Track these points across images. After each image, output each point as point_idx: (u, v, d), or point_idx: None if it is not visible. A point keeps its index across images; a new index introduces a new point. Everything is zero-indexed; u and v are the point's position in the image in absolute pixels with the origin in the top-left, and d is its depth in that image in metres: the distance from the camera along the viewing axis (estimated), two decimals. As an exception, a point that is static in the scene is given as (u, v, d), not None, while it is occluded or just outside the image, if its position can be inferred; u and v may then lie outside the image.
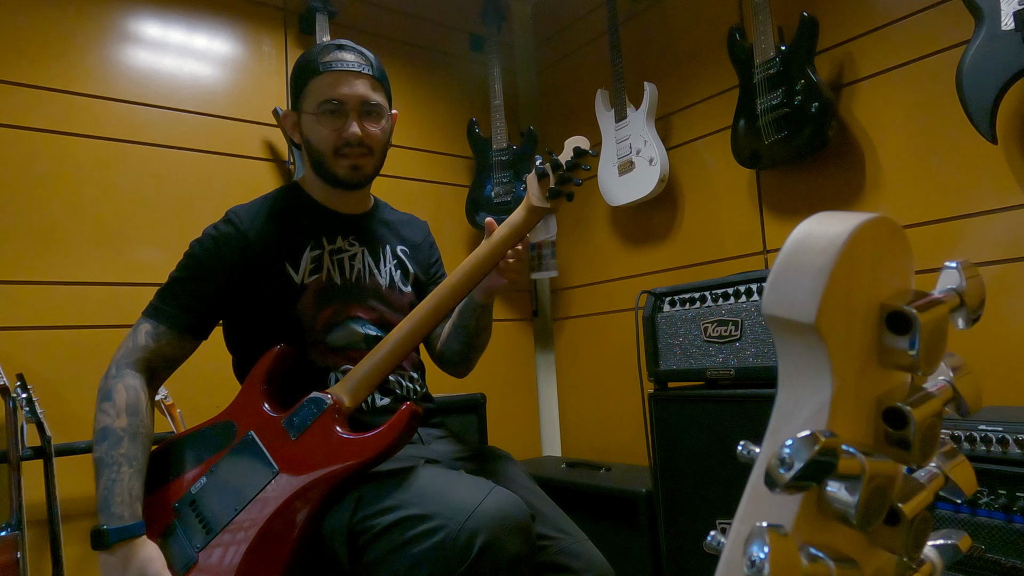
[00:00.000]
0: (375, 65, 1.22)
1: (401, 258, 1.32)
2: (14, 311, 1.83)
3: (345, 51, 1.18)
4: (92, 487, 1.01)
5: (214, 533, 0.99)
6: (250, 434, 1.05)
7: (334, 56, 1.17)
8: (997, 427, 1.19)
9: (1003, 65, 1.41)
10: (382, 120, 1.22)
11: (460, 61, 2.93)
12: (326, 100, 1.16)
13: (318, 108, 1.16)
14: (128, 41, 2.12)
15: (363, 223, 1.30)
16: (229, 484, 1.02)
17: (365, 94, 1.18)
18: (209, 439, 1.09)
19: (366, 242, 1.27)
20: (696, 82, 2.37)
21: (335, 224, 1.25)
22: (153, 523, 1.01)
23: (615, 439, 2.64)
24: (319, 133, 1.18)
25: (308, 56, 1.19)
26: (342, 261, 1.23)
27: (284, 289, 1.17)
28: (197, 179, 2.17)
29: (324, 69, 1.16)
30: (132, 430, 1.04)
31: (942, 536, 0.37)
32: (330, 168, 1.20)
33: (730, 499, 1.64)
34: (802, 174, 2.03)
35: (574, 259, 2.87)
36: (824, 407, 0.29)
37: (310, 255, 1.19)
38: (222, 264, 1.15)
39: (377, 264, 1.27)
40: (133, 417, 1.05)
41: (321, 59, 1.16)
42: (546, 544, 1.06)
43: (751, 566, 0.25)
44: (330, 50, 1.18)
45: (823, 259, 0.28)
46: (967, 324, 0.33)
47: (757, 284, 1.66)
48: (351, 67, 1.17)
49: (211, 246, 1.17)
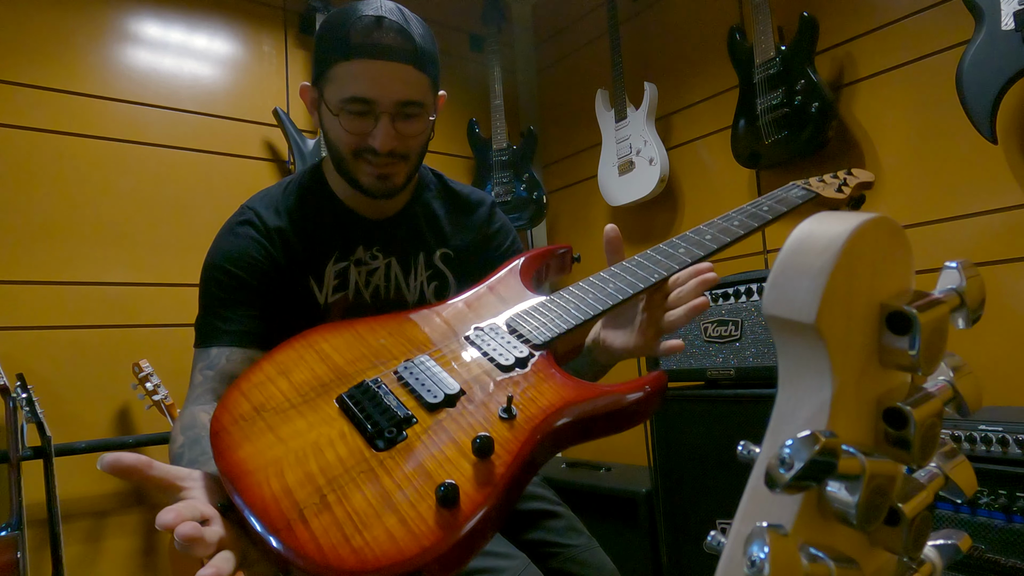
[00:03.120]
0: (420, 43, 0.92)
1: (439, 267, 1.08)
2: (14, 311, 1.83)
3: (385, 28, 0.89)
4: (92, 487, 1.01)
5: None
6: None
7: (370, 37, 0.89)
8: (997, 427, 1.19)
9: (1003, 65, 1.41)
10: (423, 118, 0.97)
11: (460, 61, 2.93)
12: (352, 98, 0.91)
13: (341, 104, 0.92)
14: (128, 41, 2.12)
15: (391, 229, 1.06)
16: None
17: (403, 94, 0.92)
18: None
19: (394, 251, 1.05)
20: (696, 82, 2.37)
21: (357, 232, 1.04)
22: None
23: (615, 439, 2.62)
24: (337, 131, 0.94)
25: (338, 22, 0.91)
26: (364, 276, 1.05)
27: (307, 308, 1.01)
28: (197, 179, 2.17)
29: (355, 55, 0.89)
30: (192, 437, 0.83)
31: (942, 536, 0.37)
32: (351, 172, 0.98)
33: (730, 499, 1.63)
34: (802, 174, 2.03)
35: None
36: (824, 407, 0.29)
37: (333, 268, 1.01)
38: (252, 270, 0.97)
39: (407, 277, 1.06)
40: (189, 431, 0.84)
41: (353, 36, 0.89)
42: (557, 551, 1.06)
43: (751, 566, 0.25)
44: (366, 25, 0.89)
45: (823, 259, 0.28)
46: (967, 324, 0.33)
47: (757, 284, 1.66)
48: (390, 56, 0.90)
49: (234, 249, 0.98)
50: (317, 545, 0.56)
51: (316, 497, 0.60)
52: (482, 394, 0.71)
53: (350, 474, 0.63)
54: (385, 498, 0.60)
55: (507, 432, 0.66)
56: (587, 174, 2.74)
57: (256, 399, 0.71)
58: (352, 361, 0.77)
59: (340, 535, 0.57)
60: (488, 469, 0.62)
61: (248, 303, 0.95)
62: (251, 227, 1.00)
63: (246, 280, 0.96)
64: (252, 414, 0.69)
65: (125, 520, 1.91)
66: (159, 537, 1.95)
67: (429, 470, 0.62)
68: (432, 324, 0.84)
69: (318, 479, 0.62)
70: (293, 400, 0.71)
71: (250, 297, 0.96)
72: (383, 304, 1.05)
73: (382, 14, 0.90)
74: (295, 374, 0.75)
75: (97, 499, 1.86)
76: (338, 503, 0.60)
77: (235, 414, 0.69)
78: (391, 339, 0.81)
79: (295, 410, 0.70)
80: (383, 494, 0.61)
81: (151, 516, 1.95)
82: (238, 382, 0.75)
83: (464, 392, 0.71)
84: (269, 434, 0.67)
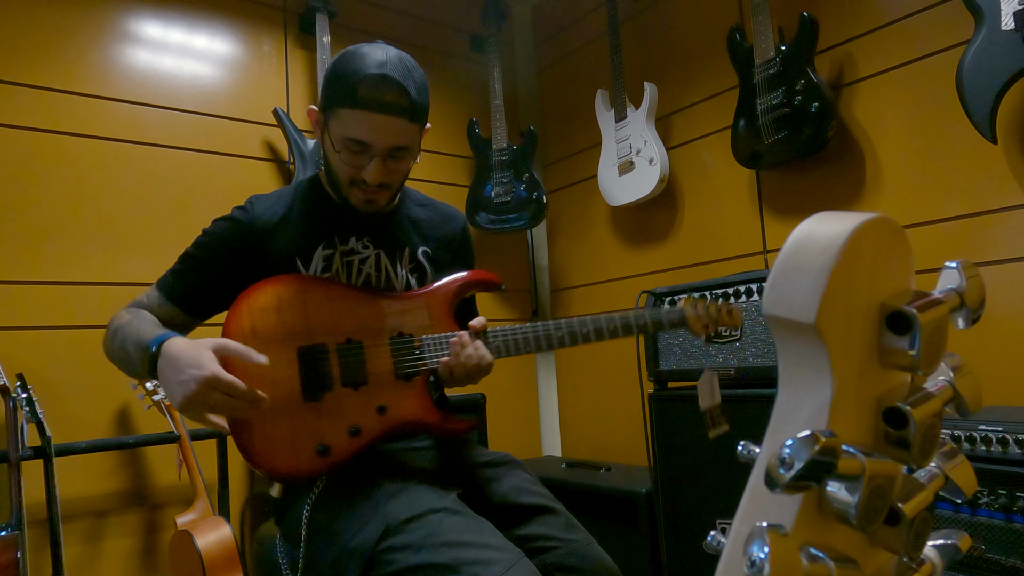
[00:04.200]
0: (415, 99, 1.09)
1: (421, 261, 1.25)
2: (14, 311, 1.83)
3: (387, 87, 1.05)
4: (92, 487, 1.02)
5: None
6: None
7: (373, 93, 1.05)
8: (997, 427, 1.19)
9: (1003, 65, 1.41)
10: (409, 158, 1.16)
11: (460, 61, 2.93)
12: (354, 140, 1.08)
13: (343, 142, 1.09)
14: (128, 41, 2.12)
15: (382, 223, 1.24)
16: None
17: (395, 141, 1.10)
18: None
19: (382, 244, 1.22)
20: (696, 82, 2.37)
21: (350, 224, 1.21)
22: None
23: (615, 439, 2.64)
24: (337, 161, 1.13)
25: (347, 70, 1.06)
26: (351, 264, 1.19)
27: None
28: (197, 179, 2.17)
29: (359, 107, 1.05)
30: (134, 313, 1.12)
31: (942, 536, 0.37)
32: (344, 193, 1.18)
33: (730, 499, 1.64)
34: (802, 174, 2.03)
35: (574, 259, 2.88)
36: (824, 407, 0.29)
37: (322, 253, 1.18)
38: (229, 249, 1.16)
39: (394, 267, 1.22)
40: (135, 309, 1.14)
41: (359, 90, 1.05)
42: (554, 546, 1.06)
43: (751, 566, 0.25)
44: (372, 82, 1.05)
45: (823, 259, 0.28)
46: (967, 324, 0.33)
47: (757, 284, 1.66)
48: (389, 111, 1.07)
49: (223, 230, 1.17)
50: (251, 439, 1.04)
51: (260, 414, 1.02)
52: (376, 389, 1.11)
53: (283, 408, 1.06)
54: (294, 434, 1.06)
55: (375, 423, 1.10)
56: (587, 174, 2.74)
57: (255, 323, 1.09)
58: (319, 322, 1.11)
59: (263, 443, 1.05)
60: (354, 442, 1.08)
61: (205, 274, 1.16)
62: (245, 212, 1.19)
63: (218, 253, 1.16)
64: (249, 334, 1.07)
65: (125, 520, 1.91)
66: (159, 537, 1.95)
67: (323, 429, 1.07)
68: (377, 314, 1.15)
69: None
70: (275, 335, 1.08)
71: (212, 270, 1.16)
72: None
73: (386, 72, 1.06)
74: (286, 313, 1.10)
75: (97, 499, 1.86)
76: (272, 423, 1.05)
77: (239, 328, 1.08)
78: (346, 315, 1.12)
79: (274, 343, 1.08)
80: (293, 431, 1.06)
81: (151, 516, 1.96)
82: (248, 302, 1.09)
83: (367, 383, 1.11)
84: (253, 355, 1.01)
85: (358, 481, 1.07)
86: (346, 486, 1.07)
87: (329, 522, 1.03)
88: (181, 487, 1.97)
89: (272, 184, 2.32)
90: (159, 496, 1.97)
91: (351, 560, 0.96)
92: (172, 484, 1.98)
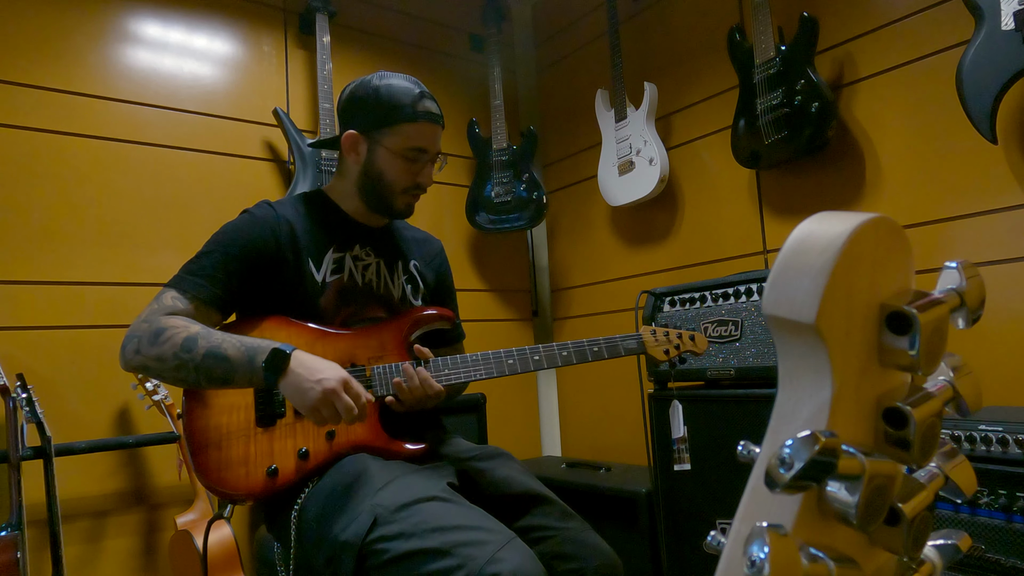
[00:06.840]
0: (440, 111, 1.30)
1: (413, 273, 1.38)
2: (14, 311, 1.83)
3: (430, 101, 1.25)
4: (92, 487, 1.01)
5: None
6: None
7: (424, 106, 1.23)
8: (997, 427, 1.19)
9: (1003, 65, 1.41)
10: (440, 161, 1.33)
11: (460, 61, 2.93)
12: (416, 148, 1.24)
13: (405, 151, 1.23)
14: (128, 41, 2.12)
15: (381, 236, 1.36)
16: None
17: (440, 147, 1.29)
18: None
19: (382, 254, 1.33)
20: (696, 82, 2.37)
21: (356, 233, 1.32)
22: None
23: (615, 439, 2.64)
24: (396, 171, 1.25)
25: (395, 93, 1.22)
26: (358, 267, 1.29)
27: (306, 284, 1.22)
28: (197, 179, 2.17)
29: (419, 119, 1.22)
30: (191, 322, 1.10)
31: (942, 536, 0.37)
32: (390, 201, 1.28)
33: (730, 499, 1.64)
34: (802, 174, 2.03)
35: (574, 259, 2.87)
36: (824, 407, 0.29)
37: (332, 256, 1.26)
38: (253, 242, 1.18)
39: (391, 275, 1.33)
40: (187, 319, 1.11)
41: (417, 106, 1.22)
42: (551, 534, 1.07)
43: (751, 566, 0.25)
44: (421, 98, 1.23)
45: (823, 259, 0.28)
46: (967, 324, 0.33)
47: (757, 284, 1.66)
48: (437, 121, 1.25)
49: (245, 224, 1.20)
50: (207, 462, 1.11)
51: (217, 438, 1.12)
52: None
53: (238, 433, 1.13)
54: (246, 457, 1.12)
55: (323, 447, 1.16)
56: (587, 174, 2.74)
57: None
58: None
59: (216, 465, 1.11)
60: (302, 464, 1.14)
61: (228, 268, 1.17)
62: (266, 209, 1.24)
63: (241, 245, 1.18)
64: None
65: (125, 520, 1.91)
66: (159, 537, 1.95)
67: (274, 451, 1.13)
68: (332, 348, 1.21)
69: (223, 430, 1.13)
70: None
71: (235, 264, 1.17)
72: (376, 295, 1.30)
73: (424, 90, 1.26)
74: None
75: (97, 499, 1.86)
76: (226, 448, 1.12)
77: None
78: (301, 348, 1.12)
79: None
80: (246, 454, 1.12)
81: (151, 516, 1.96)
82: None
83: None
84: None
85: (346, 478, 1.08)
86: (334, 484, 1.08)
87: (319, 521, 1.04)
88: (181, 487, 1.97)
89: (272, 184, 2.32)
90: (159, 496, 1.97)
91: (344, 553, 0.97)
92: (172, 484, 1.98)
